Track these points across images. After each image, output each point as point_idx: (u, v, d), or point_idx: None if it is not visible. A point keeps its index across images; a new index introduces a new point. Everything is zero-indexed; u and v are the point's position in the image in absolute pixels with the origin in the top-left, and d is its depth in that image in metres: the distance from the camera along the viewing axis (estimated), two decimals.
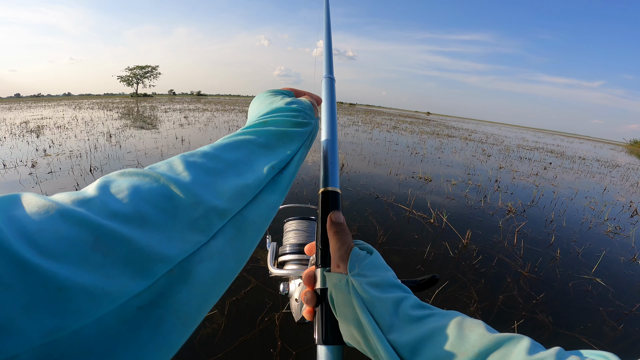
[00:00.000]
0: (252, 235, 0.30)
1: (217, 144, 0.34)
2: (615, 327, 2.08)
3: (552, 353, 0.26)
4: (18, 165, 4.79)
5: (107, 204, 0.21)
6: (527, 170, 7.67)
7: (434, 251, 2.82)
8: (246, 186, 0.30)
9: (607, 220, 4.29)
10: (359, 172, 5.39)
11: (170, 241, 0.21)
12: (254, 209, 0.30)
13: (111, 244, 0.18)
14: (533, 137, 30.32)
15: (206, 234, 0.24)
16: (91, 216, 0.19)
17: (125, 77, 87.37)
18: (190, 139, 7.89)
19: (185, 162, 0.29)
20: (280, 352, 1.65)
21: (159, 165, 0.28)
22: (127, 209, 0.21)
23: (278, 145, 0.38)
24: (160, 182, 0.25)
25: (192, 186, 0.26)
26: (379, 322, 0.34)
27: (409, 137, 12.46)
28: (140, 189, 0.23)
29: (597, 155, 17.33)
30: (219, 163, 0.31)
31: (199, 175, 0.27)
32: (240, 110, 22.69)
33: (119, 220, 0.20)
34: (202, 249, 0.23)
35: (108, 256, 0.18)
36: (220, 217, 0.26)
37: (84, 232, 0.18)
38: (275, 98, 0.49)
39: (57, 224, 0.17)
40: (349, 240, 0.42)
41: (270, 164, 0.35)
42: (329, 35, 0.73)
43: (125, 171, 0.25)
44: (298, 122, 0.43)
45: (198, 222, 0.24)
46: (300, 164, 0.41)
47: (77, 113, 16.31)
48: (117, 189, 0.22)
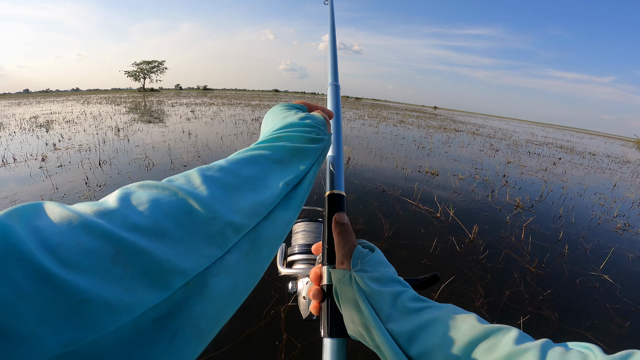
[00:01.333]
0: (266, 251, 0.30)
1: (233, 159, 0.34)
2: (622, 324, 2.07)
3: (538, 344, 0.28)
4: (28, 159, 4.87)
5: (127, 216, 0.21)
6: (536, 166, 7.58)
7: (440, 245, 2.81)
8: (261, 203, 0.30)
9: (617, 217, 4.23)
10: (365, 166, 5.38)
11: (188, 255, 0.22)
12: (268, 225, 0.30)
13: (131, 256, 0.19)
14: (542, 132, 29.89)
15: (222, 249, 0.25)
16: (113, 229, 0.19)
17: (132, 72, 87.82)
18: (197, 133, 7.94)
19: (202, 175, 0.29)
20: (286, 345, 1.67)
21: (177, 178, 0.28)
22: (147, 222, 0.21)
23: (292, 161, 0.38)
24: (178, 195, 0.25)
25: (209, 201, 0.26)
26: (379, 314, 0.37)
27: (416, 131, 12.37)
28: (160, 202, 0.23)
29: (608, 151, 17.03)
30: (235, 178, 0.31)
31: (216, 190, 0.28)
32: (246, 104, 22.71)
33: (139, 233, 0.20)
34: (217, 263, 0.24)
35: (128, 268, 0.18)
36: (236, 232, 0.26)
37: (105, 244, 0.18)
38: (288, 113, 0.49)
39: (79, 236, 0.18)
40: (352, 239, 0.45)
41: (285, 180, 0.35)
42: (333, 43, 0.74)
43: (145, 183, 0.26)
44: (312, 138, 0.43)
45: (214, 236, 0.24)
46: (314, 181, 0.41)
47: (85, 108, 16.49)
48: (137, 201, 0.23)
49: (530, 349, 0.28)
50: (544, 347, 0.28)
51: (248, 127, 9.54)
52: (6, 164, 4.60)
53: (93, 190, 3.59)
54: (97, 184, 3.78)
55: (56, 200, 2.32)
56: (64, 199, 3.33)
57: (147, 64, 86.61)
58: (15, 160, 4.80)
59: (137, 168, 4.52)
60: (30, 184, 3.75)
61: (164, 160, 4.97)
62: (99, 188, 3.65)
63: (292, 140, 0.41)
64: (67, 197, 3.36)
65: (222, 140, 6.98)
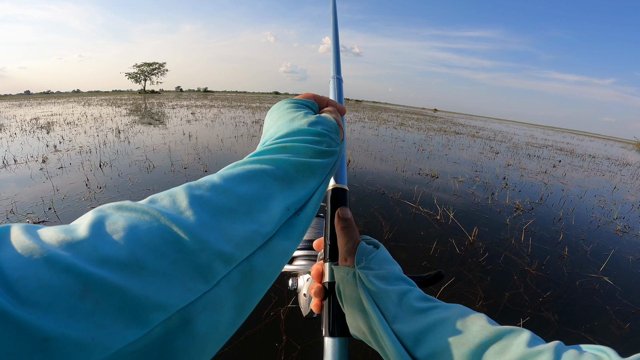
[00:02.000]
0: (259, 284, 0.26)
1: (228, 174, 0.30)
2: (622, 326, 2.07)
3: (551, 346, 0.27)
4: (29, 161, 4.88)
5: (98, 248, 0.19)
6: (536, 168, 7.58)
7: (440, 248, 2.81)
8: (257, 230, 0.27)
9: (617, 219, 4.23)
10: (365, 169, 5.39)
11: (170, 289, 0.20)
12: (263, 256, 0.27)
13: (102, 292, 0.17)
14: (542, 134, 29.91)
15: (209, 282, 0.22)
16: (79, 263, 0.17)
17: (133, 74, 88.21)
18: (198, 135, 7.95)
19: (190, 196, 0.25)
20: (286, 347, 1.67)
21: (161, 198, 0.25)
22: (122, 253, 0.19)
23: (297, 178, 0.33)
24: (160, 222, 0.22)
25: (197, 228, 0.23)
26: (385, 313, 0.35)
27: (416, 134, 12.38)
28: (138, 229, 0.21)
29: (608, 153, 17.03)
30: (229, 199, 0.27)
31: (205, 215, 0.24)
32: (246, 106, 22.75)
33: (112, 266, 0.18)
34: (203, 297, 0.21)
35: (99, 305, 0.17)
36: (226, 264, 0.23)
37: (71, 280, 0.16)
38: (296, 114, 0.42)
39: (40, 271, 0.16)
40: (356, 235, 0.43)
41: (285, 205, 0.30)
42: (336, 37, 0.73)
43: (123, 205, 0.23)
44: (321, 151, 0.37)
45: (201, 268, 0.22)
46: (320, 204, 0.36)
47: (86, 109, 16.52)
48: (112, 227, 0.20)
49: (543, 351, 0.27)
50: (557, 349, 0.27)
51: (248, 130, 9.56)
52: (7, 165, 4.61)
53: (94, 192, 3.59)
54: (98, 186, 3.78)
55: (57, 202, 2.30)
56: (64, 200, 3.34)
57: (147, 66, 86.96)
58: (16, 162, 4.81)
59: (137, 170, 4.52)
60: (30, 186, 3.75)
61: (164, 163, 4.98)
62: (99, 190, 3.66)
63: (298, 152, 0.35)
64: (68, 199, 3.37)
65: (223, 143, 6.99)
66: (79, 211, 3.08)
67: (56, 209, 3.09)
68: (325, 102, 0.50)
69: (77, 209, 3.14)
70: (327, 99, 0.50)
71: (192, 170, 4.62)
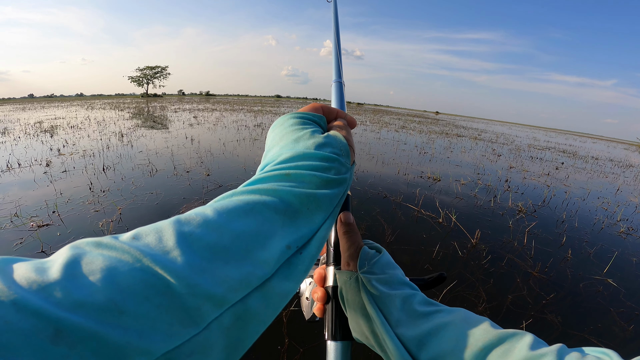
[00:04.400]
0: (253, 327, 0.24)
1: (222, 207, 0.27)
2: (626, 328, 2.06)
3: (554, 349, 0.28)
4: (33, 165, 4.91)
5: (70, 291, 0.18)
6: (539, 170, 7.56)
7: (443, 251, 2.81)
8: (253, 272, 0.24)
9: (620, 221, 4.21)
10: (367, 172, 5.39)
11: (154, 333, 0.18)
12: (260, 298, 0.24)
13: (77, 337, 0.16)
14: (545, 136, 29.83)
15: (199, 326, 0.20)
16: (48, 307, 0.16)
17: (136, 78, 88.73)
18: (200, 139, 7.98)
19: (178, 233, 0.23)
20: (288, 350, 1.67)
21: (146, 234, 0.23)
22: (98, 297, 0.18)
23: (301, 212, 0.30)
24: (143, 263, 0.20)
25: (185, 271, 0.21)
26: (388, 318, 0.36)
27: (418, 137, 12.38)
28: (117, 271, 0.19)
29: (610, 155, 16.97)
30: (223, 236, 0.24)
31: (195, 257, 0.22)
32: (248, 110, 22.83)
33: (86, 311, 0.17)
34: (192, 340, 0.20)
35: (74, 348, 0.16)
36: (217, 307, 0.22)
37: (41, 324, 0.16)
38: (302, 132, 0.38)
39: (8, 315, 0.15)
40: (358, 239, 0.43)
41: (286, 243, 0.27)
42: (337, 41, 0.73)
43: (102, 242, 0.21)
44: (329, 180, 0.33)
45: (189, 312, 0.20)
46: (325, 241, 0.33)
47: (89, 113, 16.62)
48: (88, 268, 0.19)
49: (546, 354, 0.27)
50: (560, 352, 0.27)
51: (250, 133, 9.58)
52: (11, 169, 4.64)
53: (97, 195, 3.61)
54: (101, 190, 3.80)
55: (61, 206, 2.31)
56: (68, 203, 3.36)
57: (150, 70, 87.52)
58: (20, 165, 4.83)
59: (140, 174, 4.55)
60: (34, 189, 3.78)
61: (167, 166, 5.00)
62: (102, 193, 3.68)
63: (302, 181, 0.32)
64: (72, 202, 3.39)
65: (225, 146, 7.02)
66: (83, 215, 3.10)
67: (60, 213, 3.11)
68: (334, 114, 0.46)
69: (81, 212, 3.16)
70: (337, 111, 0.46)
71: (194, 174, 4.63)
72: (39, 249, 2.43)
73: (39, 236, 2.61)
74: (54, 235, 2.66)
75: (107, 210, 3.20)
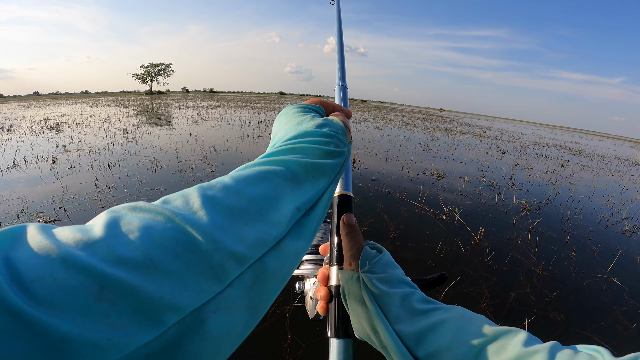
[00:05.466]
0: (272, 285, 0.26)
1: (239, 175, 0.30)
2: (629, 326, 2.05)
3: (547, 346, 0.29)
4: (39, 161, 4.96)
5: (114, 248, 0.19)
6: (544, 168, 7.52)
7: (446, 248, 2.81)
8: (268, 232, 0.27)
9: (625, 219, 4.19)
10: (370, 169, 5.39)
11: (184, 289, 0.20)
12: (276, 257, 0.26)
13: (118, 293, 0.17)
14: (550, 134, 29.60)
15: (222, 283, 0.22)
16: (96, 264, 0.17)
17: (140, 75, 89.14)
18: (204, 135, 8.01)
19: (202, 196, 0.25)
20: (291, 345, 1.69)
21: (174, 199, 0.25)
22: (137, 254, 0.19)
23: (306, 179, 0.33)
24: (175, 222, 0.22)
25: (210, 229, 0.23)
26: (387, 315, 0.37)
27: (422, 134, 12.34)
28: (153, 230, 0.21)
29: (617, 153, 16.81)
30: (240, 199, 0.27)
31: (218, 216, 0.24)
32: (252, 107, 22.85)
33: (128, 267, 0.18)
34: (217, 298, 0.21)
35: (115, 305, 0.17)
36: (239, 265, 0.23)
37: (88, 281, 0.16)
38: (304, 117, 0.43)
39: (57, 272, 0.16)
40: (360, 240, 0.44)
41: (296, 205, 0.31)
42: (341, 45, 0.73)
43: (137, 205, 0.23)
44: (329, 152, 0.37)
45: (215, 269, 0.22)
46: (329, 204, 0.36)
47: (94, 110, 16.74)
48: (127, 227, 0.21)
49: (538, 351, 0.28)
50: (552, 349, 0.28)
51: (254, 130, 9.61)
52: (17, 165, 4.70)
53: (103, 191, 3.65)
54: (107, 186, 3.84)
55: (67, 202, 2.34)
56: (74, 200, 3.40)
57: (154, 67, 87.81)
58: (26, 162, 4.89)
59: (145, 170, 4.58)
60: (41, 186, 3.82)
61: (171, 163, 5.03)
62: (108, 190, 3.72)
63: (306, 153, 0.36)
64: (78, 198, 3.43)
65: (229, 143, 7.04)
66: (89, 211, 3.14)
67: (66, 209, 3.15)
68: (331, 107, 0.51)
69: (87, 208, 3.19)
70: (333, 104, 0.51)
71: (199, 170, 4.66)
72: None
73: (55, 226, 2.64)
74: None
75: (112, 206, 3.22)
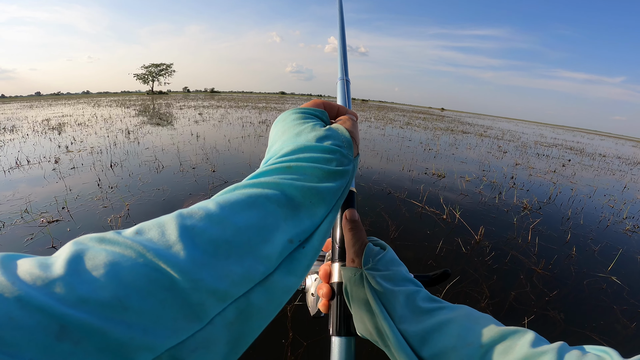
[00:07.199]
0: (256, 322, 0.24)
1: (225, 200, 0.27)
2: (628, 326, 2.06)
3: (555, 347, 0.28)
4: (42, 161, 4.99)
5: (74, 287, 0.17)
6: (545, 167, 7.51)
7: (446, 247, 2.82)
8: (255, 267, 0.24)
9: (626, 219, 4.19)
10: (371, 168, 5.40)
11: (157, 329, 0.18)
12: (263, 293, 0.24)
13: (81, 333, 0.16)
14: (552, 133, 29.52)
15: (202, 321, 0.21)
16: (53, 304, 0.16)
17: (141, 75, 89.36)
18: (205, 135, 8.03)
19: (181, 227, 0.23)
20: (292, 343, 1.70)
21: (149, 228, 0.23)
22: (101, 293, 0.18)
23: (303, 205, 0.30)
24: (146, 257, 0.20)
25: (187, 266, 0.21)
26: (391, 314, 0.36)
27: (423, 133, 12.33)
28: (120, 266, 0.19)
29: (618, 152, 16.76)
30: (225, 230, 0.24)
31: (197, 250, 0.22)
32: (253, 107, 22.87)
33: (90, 307, 0.17)
34: (195, 335, 0.20)
35: (79, 345, 0.16)
36: (221, 302, 0.22)
37: (46, 320, 0.15)
38: (303, 126, 0.38)
39: (12, 311, 0.15)
40: (363, 236, 0.43)
41: (289, 237, 0.27)
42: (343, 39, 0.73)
43: (105, 237, 0.21)
44: (331, 172, 0.33)
45: (193, 307, 0.20)
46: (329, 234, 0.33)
47: (96, 110, 16.78)
48: (91, 263, 0.19)
49: (547, 352, 0.27)
50: (560, 350, 0.28)
51: (255, 130, 9.62)
52: (20, 165, 4.72)
53: (105, 191, 3.67)
54: (109, 186, 3.86)
55: (70, 202, 2.35)
56: (77, 200, 3.42)
57: (155, 67, 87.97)
58: (29, 162, 4.91)
59: (147, 170, 4.60)
60: (43, 186, 3.85)
61: (173, 163, 5.05)
62: (111, 190, 3.74)
63: (304, 174, 0.32)
64: (81, 198, 3.45)
65: (230, 143, 7.06)
66: (92, 211, 3.16)
67: (69, 208, 3.17)
68: (335, 109, 0.46)
69: (90, 208, 3.22)
70: (338, 106, 0.46)
71: (200, 170, 4.68)
72: (49, 244, 2.47)
73: (49, 231, 2.67)
74: (63, 231, 2.72)
75: (115, 206, 3.25)
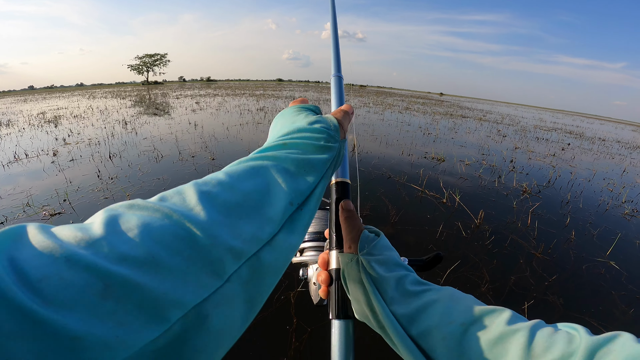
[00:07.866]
0: (268, 279, 0.27)
1: (232, 171, 0.30)
2: (626, 311, 2.08)
3: (529, 324, 0.31)
4: (40, 155, 4.97)
5: (115, 246, 0.19)
6: (544, 151, 7.51)
7: (447, 231, 2.84)
8: (262, 227, 0.27)
9: (625, 202, 4.20)
10: (370, 153, 5.39)
11: (185, 285, 0.20)
12: (271, 251, 0.27)
13: (123, 290, 0.17)
14: (551, 117, 29.39)
15: (221, 278, 0.22)
16: (99, 262, 0.17)
17: (136, 66, 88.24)
18: (203, 124, 7.98)
19: (198, 192, 0.26)
20: (296, 329, 1.73)
21: (171, 196, 0.26)
22: (138, 251, 0.19)
23: (298, 174, 0.34)
24: (173, 218, 0.22)
25: (208, 224, 0.23)
26: (384, 296, 0.39)
27: (422, 118, 12.26)
28: (151, 227, 0.21)
29: (618, 136, 16.70)
30: (235, 195, 0.27)
31: (215, 211, 0.25)
32: (250, 94, 22.62)
33: (130, 264, 0.18)
34: (217, 293, 0.22)
35: (120, 303, 0.17)
36: (236, 260, 0.24)
37: (92, 279, 0.16)
38: (298, 116, 0.44)
39: (62, 271, 0.16)
40: (359, 224, 0.47)
41: (289, 200, 0.31)
42: (336, 36, 0.74)
43: (135, 203, 0.23)
44: (320, 147, 0.38)
45: (213, 264, 0.22)
46: (321, 198, 0.37)
47: (91, 102, 16.62)
48: (126, 225, 0.21)
49: (520, 329, 0.30)
50: (533, 327, 0.30)
51: (253, 117, 9.54)
52: (19, 159, 4.70)
53: (106, 182, 3.67)
54: (109, 177, 3.86)
55: (71, 194, 2.35)
56: (78, 191, 3.42)
57: (149, 57, 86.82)
58: (27, 156, 4.89)
59: (146, 160, 4.59)
60: (43, 179, 3.84)
61: (172, 152, 5.03)
62: (111, 180, 3.73)
63: (298, 148, 0.37)
64: (81, 190, 3.45)
65: (228, 131, 7.02)
66: (93, 202, 3.16)
67: (71, 201, 3.17)
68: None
69: (91, 200, 3.22)
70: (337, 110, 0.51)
71: (199, 158, 4.67)
72: None
73: (52, 225, 2.66)
74: (66, 223, 2.72)
75: (116, 197, 3.26)
